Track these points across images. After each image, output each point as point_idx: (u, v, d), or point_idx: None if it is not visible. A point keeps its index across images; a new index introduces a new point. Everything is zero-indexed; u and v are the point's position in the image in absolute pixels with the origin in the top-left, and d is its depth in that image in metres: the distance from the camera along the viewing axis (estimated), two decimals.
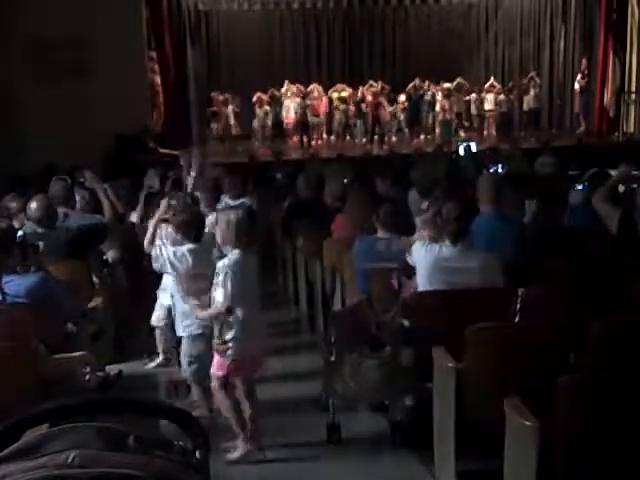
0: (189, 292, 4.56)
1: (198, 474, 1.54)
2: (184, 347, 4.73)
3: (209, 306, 4.27)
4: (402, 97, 18.04)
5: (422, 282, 4.36)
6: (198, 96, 18.37)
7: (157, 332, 5.75)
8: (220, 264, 4.17)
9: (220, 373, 4.25)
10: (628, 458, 2.99)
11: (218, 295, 4.13)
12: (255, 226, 4.41)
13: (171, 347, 5.55)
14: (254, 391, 4.39)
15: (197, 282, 4.52)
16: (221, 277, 4.11)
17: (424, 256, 4.37)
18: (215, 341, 4.22)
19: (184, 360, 4.75)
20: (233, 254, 4.16)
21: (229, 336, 4.16)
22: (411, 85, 18.30)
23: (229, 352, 4.17)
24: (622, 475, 3.03)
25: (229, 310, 4.13)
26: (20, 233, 4.69)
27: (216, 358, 4.27)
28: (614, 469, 3.00)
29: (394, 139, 18.17)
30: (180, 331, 4.75)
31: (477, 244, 4.59)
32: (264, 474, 4.22)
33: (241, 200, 7.43)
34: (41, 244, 4.73)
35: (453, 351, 3.75)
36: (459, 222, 4.33)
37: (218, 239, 4.30)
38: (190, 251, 4.57)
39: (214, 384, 4.33)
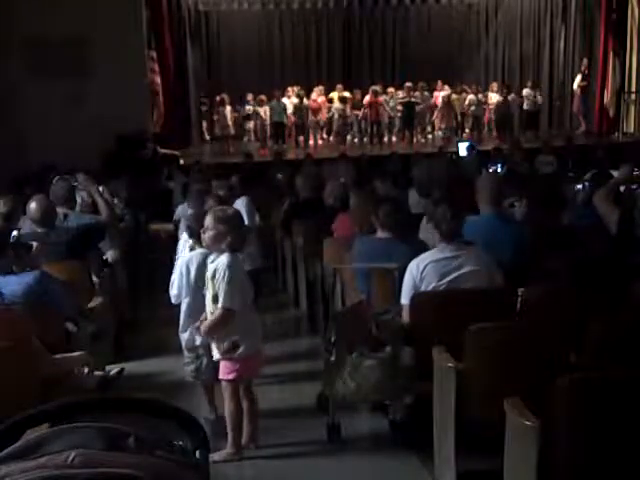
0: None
1: (198, 474, 1.54)
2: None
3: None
4: (399, 94, 17.98)
5: (421, 285, 4.36)
6: (198, 96, 18.36)
7: None
8: (215, 265, 4.08)
9: (230, 377, 4.20)
10: (628, 458, 2.99)
11: (223, 296, 4.04)
12: (244, 226, 4.37)
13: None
14: (252, 389, 4.38)
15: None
16: (221, 279, 4.05)
17: (419, 261, 4.39)
18: (224, 345, 4.12)
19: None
20: (227, 255, 4.08)
21: (236, 337, 4.10)
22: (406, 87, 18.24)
23: (240, 351, 4.11)
24: (622, 475, 3.03)
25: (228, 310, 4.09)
26: (14, 233, 4.67)
27: (223, 362, 4.21)
28: (614, 469, 3.00)
29: (394, 139, 18.18)
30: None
31: (476, 244, 4.60)
32: (264, 474, 4.22)
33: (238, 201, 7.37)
34: (35, 244, 4.70)
35: (453, 351, 3.74)
36: (453, 221, 4.35)
37: (208, 240, 4.15)
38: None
39: (224, 389, 4.28)
